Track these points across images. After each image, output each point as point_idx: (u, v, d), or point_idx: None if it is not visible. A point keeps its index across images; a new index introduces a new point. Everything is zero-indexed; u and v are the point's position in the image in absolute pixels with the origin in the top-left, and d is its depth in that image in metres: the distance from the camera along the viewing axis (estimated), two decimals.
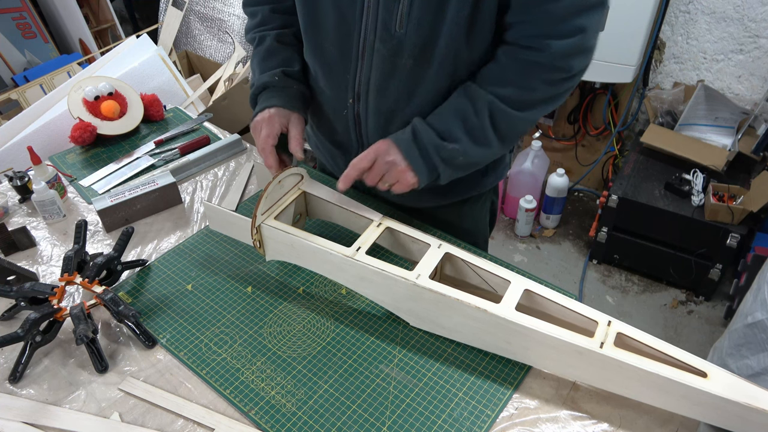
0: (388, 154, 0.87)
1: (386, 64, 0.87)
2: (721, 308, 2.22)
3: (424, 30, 0.82)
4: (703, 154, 2.14)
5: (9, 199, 1.19)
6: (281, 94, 0.96)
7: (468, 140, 0.87)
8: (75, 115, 1.34)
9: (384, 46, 0.85)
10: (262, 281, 0.98)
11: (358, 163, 0.88)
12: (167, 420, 0.77)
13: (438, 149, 0.86)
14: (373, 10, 0.83)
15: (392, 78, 0.89)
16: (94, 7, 2.76)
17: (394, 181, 0.88)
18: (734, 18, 2.11)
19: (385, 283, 0.85)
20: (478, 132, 0.87)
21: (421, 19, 0.81)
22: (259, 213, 0.92)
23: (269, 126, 0.93)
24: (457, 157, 0.87)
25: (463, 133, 0.86)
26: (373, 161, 0.88)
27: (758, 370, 1.22)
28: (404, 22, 0.82)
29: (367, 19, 0.84)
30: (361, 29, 0.86)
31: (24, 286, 0.89)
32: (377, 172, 0.88)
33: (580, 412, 0.77)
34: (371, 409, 0.78)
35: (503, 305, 0.79)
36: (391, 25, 0.83)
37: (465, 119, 0.86)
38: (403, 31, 0.83)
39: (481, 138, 0.87)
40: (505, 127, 0.87)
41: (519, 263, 2.48)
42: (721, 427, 0.71)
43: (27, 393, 0.82)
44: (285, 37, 1.01)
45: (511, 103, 0.85)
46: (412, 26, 0.82)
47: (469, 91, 0.87)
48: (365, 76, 0.90)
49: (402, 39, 0.84)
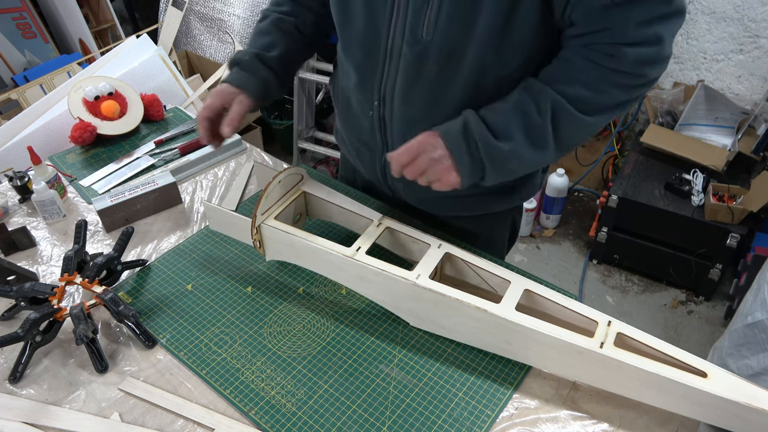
0: (434, 150, 0.81)
1: (411, 69, 0.85)
2: (721, 308, 2.22)
3: (451, 38, 0.80)
4: (703, 154, 2.15)
5: (9, 199, 1.19)
6: (242, 75, 0.97)
7: (525, 141, 0.80)
8: (75, 115, 1.34)
9: (410, 51, 0.83)
10: (262, 281, 0.98)
11: (399, 158, 0.82)
12: (167, 420, 0.77)
13: (489, 149, 0.79)
14: (402, 14, 0.81)
15: (417, 84, 0.86)
16: (94, 7, 2.76)
17: (435, 179, 0.82)
18: (734, 18, 2.11)
19: (385, 283, 0.85)
20: (538, 133, 0.79)
21: (448, 27, 0.79)
22: (259, 213, 0.92)
23: (212, 98, 0.96)
24: (511, 159, 0.80)
25: (522, 133, 0.79)
26: (415, 156, 0.82)
27: (758, 370, 1.22)
28: (431, 28, 0.80)
29: (395, 22, 0.83)
30: (389, 32, 0.84)
31: (24, 286, 0.89)
32: (419, 168, 0.82)
33: (580, 412, 0.77)
34: (371, 409, 0.78)
35: (503, 305, 0.79)
36: (419, 31, 0.81)
37: (526, 117, 0.79)
38: (429, 38, 0.81)
39: (539, 140, 0.80)
40: (567, 130, 0.80)
41: (519, 263, 2.48)
42: (721, 427, 0.71)
43: (27, 393, 0.82)
44: (284, 23, 1.01)
45: (578, 104, 0.78)
46: (439, 33, 0.80)
47: (531, 87, 0.80)
48: (391, 80, 0.89)
49: (428, 45, 0.81)
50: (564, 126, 0.80)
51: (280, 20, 1.01)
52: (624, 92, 0.78)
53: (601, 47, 0.75)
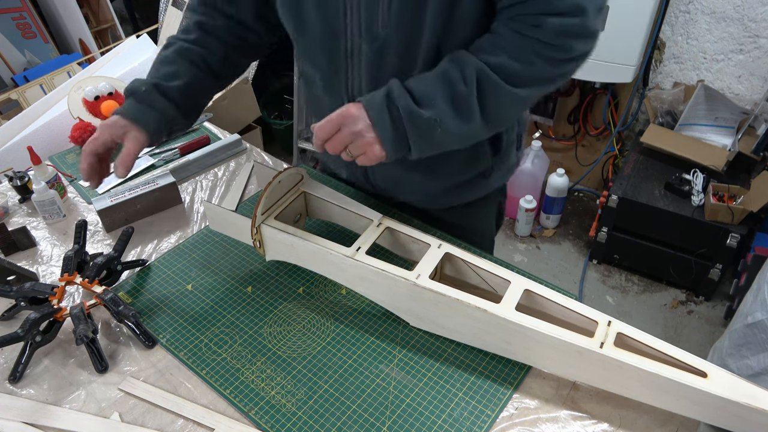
0: (356, 123, 0.78)
1: (374, 65, 0.86)
2: (721, 308, 2.22)
3: (406, 28, 0.80)
4: (703, 154, 2.15)
5: (9, 199, 1.19)
6: (137, 108, 0.90)
7: (449, 109, 0.78)
8: (75, 115, 1.34)
9: (370, 48, 0.84)
10: (262, 281, 0.98)
11: (319, 133, 0.80)
12: (167, 420, 0.77)
13: (412, 116, 0.77)
14: (355, 13, 0.81)
15: (381, 79, 0.85)
16: (94, 7, 2.76)
17: (360, 153, 0.80)
18: (734, 18, 2.11)
19: (385, 283, 0.85)
20: (462, 102, 0.78)
21: (402, 17, 0.79)
22: (259, 213, 0.92)
23: (100, 131, 0.89)
24: (434, 128, 0.78)
25: (445, 101, 0.78)
26: (336, 129, 0.79)
27: (758, 370, 1.22)
28: (386, 22, 0.80)
29: (351, 21, 0.83)
30: (346, 33, 0.84)
31: (24, 286, 0.89)
32: (341, 142, 0.80)
33: (580, 412, 0.77)
34: (371, 409, 0.78)
35: (503, 305, 0.79)
36: (375, 26, 0.81)
37: (450, 85, 0.78)
38: (386, 31, 0.81)
39: (465, 109, 0.79)
40: (493, 101, 0.79)
41: (519, 263, 2.48)
42: (721, 426, 0.71)
43: (27, 393, 0.82)
44: (190, 53, 0.95)
45: (504, 74, 0.77)
46: (394, 25, 0.80)
47: (458, 57, 0.79)
48: (356, 78, 0.89)
49: (386, 39, 0.82)
50: (490, 96, 0.78)
51: (186, 49, 0.95)
52: (550, 65, 0.78)
53: (526, 18, 0.76)
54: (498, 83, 0.77)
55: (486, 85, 0.78)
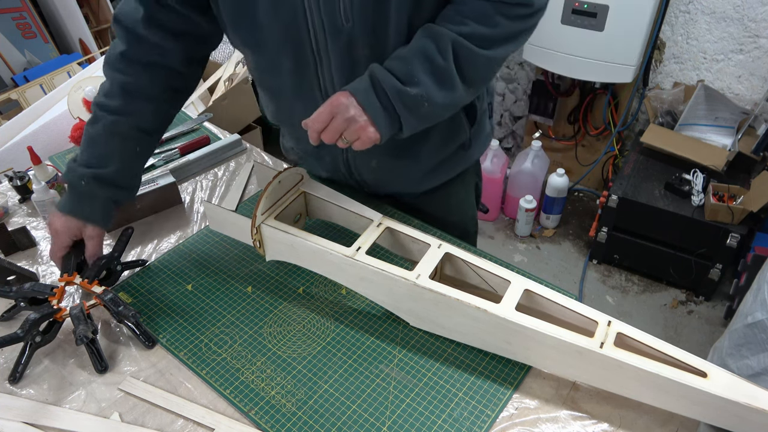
0: (347, 109, 0.80)
1: (345, 61, 0.86)
2: (721, 308, 2.22)
3: (371, 15, 0.81)
4: (703, 154, 2.15)
5: (9, 199, 1.19)
6: (83, 204, 0.91)
7: (432, 83, 0.81)
8: (75, 115, 1.34)
9: (336, 43, 0.84)
10: (262, 281, 0.98)
11: (313, 125, 0.82)
12: (167, 420, 0.77)
13: (400, 95, 0.80)
14: (315, 10, 0.81)
15: (355, 73, 0.85)
16: (94, 7, 2.76)
17: (355, 138, 0.82)
18: (734, 18, 2.11)
19: (385, 283, 0.85)
20: (444, 74, 0.81)
21: (364, 6, 0.79)
22: (259, 213, 0.92)
23: (59, 238, 0.91)
24: (422, 103, 0.81)
25: (427, 76, 0.80)
26: (329, 119, 0.81)
27: (758, 370, 1.22)
28: (349, 14, 0.80)
29: (312, 22, 0.82)
30: (310, 34, 0.84)
31: (24, 286, 0.89)
32: (336, 130, 0.81)
33: (580, 412, 0.77)
34: (371, 409, 0.78)
35: (503, 305, 0.79)
36: (338, 21, 0.81)
37: (430, 60, 0.80)
38: (350, 24, 0.81)
39: (447, 80, 0.81)
40: (470, 67, 0.82)
41: (519, 263, 2.48)
42: (721, 426, 0.71)
43: (27, 393, 0.82)
44: (118, 126, 0.92)
45: (474, 40, 0.80)
46: (358, 15, 0.80)
47: (430, 31, 0.81)
48: (328, 78, 0.89)
49: (351, 32, 0.82)
50: (467, 63, 0.82)
51: (113, 123, 0.92)
52: (515, 22, 0.82)
53: None
54: (471, 49, 0.80)
55: (460, 53, 0.81)
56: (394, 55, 0.82)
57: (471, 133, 1.05)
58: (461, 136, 1.05)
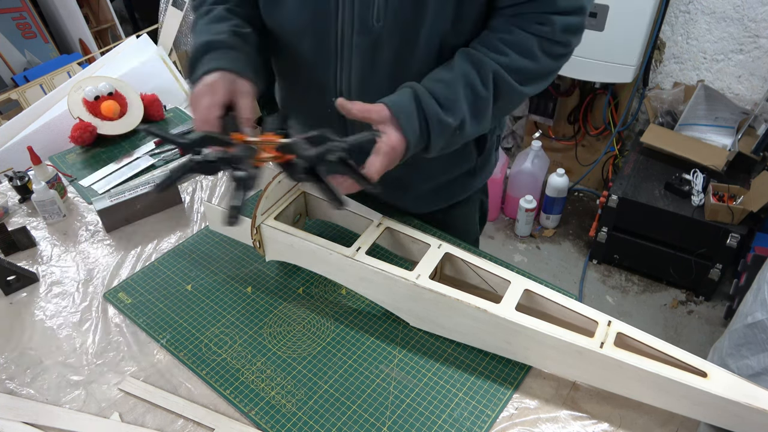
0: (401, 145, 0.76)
1: (366, 60, 0.83)
2: (721, 308, 2.22)
3: (404, 21, 0.79)
4: (703, 154, 2.15)
5: (9, 199, 1.19)
6: (228, 56, 0.78)
7: (469, 113, 0.79)
8: (75, 115, 1.34)
9: (363, 41, 0.81)
10: (262, 281, 0.98)
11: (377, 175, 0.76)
12: (167, 420, 0.77)
13: (441, 124, 0.77)
14: (348, 4, 0.79)
15: (374, 75, 0.84)
16: (94, 7, 2.76)
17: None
18: (734, 18, 2.11)
19: (385, 283, 0.85)
20: (482, 105, 0.79)
21: (399, 10, 0.78)
22: (259, 213, 0.92)
23: (212, 94, 0.75)
24: (455, 131, 0.79)
25: (467, 105, 0.79)
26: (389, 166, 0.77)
27: (758, 370, 1.22)
28: (382, 14, 0.78)
29: (343, 13, 0.81)
30: (338, 25, 0.82)
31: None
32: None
33: (580, 412, 0.77)
34: (371, 409, 0.78)
35: (503, 305, 0.79)
36: (369, 18, 0.79)
37: (472, 89, 0.78)
38: (381, 24, 0.79)
39: (482, 112, 0.80)
40: (505, 101, 0.81)
41: (519, 263, 2.48)
42: (721, 426, 0.71)
43: (27, 393, 0.82)
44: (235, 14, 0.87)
45: (515, 74, 0.79)
46: (391, 18, 0.79)
47: (472, 57, 0.79)
48: (346, 74, 0.87)
49: (381, 32, 0.80)
50: (503, 97, 0.81)
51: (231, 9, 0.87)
52: (553, 60, 0.82)
53: (531, 16, 0.78)
54: (511, 84, 0.80)
55: (501, 86, 0.80)
56: (437, 77, 0.79)
57: (477, 161, 1.04)
58: (467, 163, 1.03)
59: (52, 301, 0.96)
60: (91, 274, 1.01)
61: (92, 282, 0.99)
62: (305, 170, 0.71)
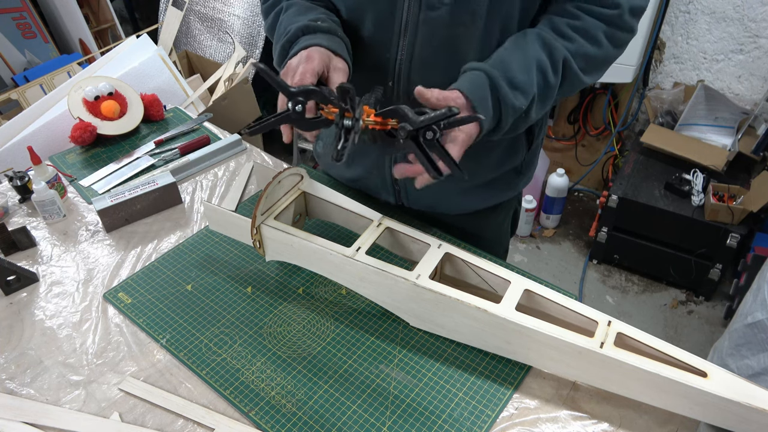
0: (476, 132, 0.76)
1: (432, 37, 0.81)
2: (721, 308, 2.22)
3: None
4: (703, 154, 2.15)
5: (9, 199, 1.19)
6: (325, 37, 0.79)
7: (538, 98, 0.78)
8: (75, 115, 1.34)
9: (431, 17, 0.79)
10: (262, 281, 0.98)
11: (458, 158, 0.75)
12: (167, 420, 0.77)
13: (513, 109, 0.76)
14: None
15: (435, 53, 0.82)
16: (94, 7, 2.76)
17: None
18: (734, 18, 2.11)
19: (385, 283, 0.85)
20: (550, 92, 0.78)
21: None
22: (259, 213, 0.92)
23: (308, 62, 0.75)
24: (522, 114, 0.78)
25: (537, 91, 0.78)
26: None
27: (758, 370, 1.22)
28: None
29: None
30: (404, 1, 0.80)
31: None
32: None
33: (580, 412, 0.77)
34: (371, 409, 0.78)
35: (503, 305, 0.79)
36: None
37: (544, 75, 0.77)
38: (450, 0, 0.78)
39: (548, 98, 0.79)
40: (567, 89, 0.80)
41: (519, 263, 2.48)
42: (721, 426, 0.71)
43: (27, 393, 0.82)
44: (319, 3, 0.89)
45: (581, 61, 0.79)
46: None
47: (544, 40, 0.78)
48: (407, 53, 0.84)
49: (451, 6, 0.78)
50: (567, 85, 0.81)
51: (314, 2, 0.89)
52: (615, 48, 0.81)
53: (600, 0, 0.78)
54: (576, 73, 0.79)
55: (568, 74, 0.80)
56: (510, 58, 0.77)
57: (525, 156, 1.02)
58: (517, 158, 1.01)
59: (52, 301, 0.96)
60: (91, 274, 1.01)
61: (92, 282, 0.99)
62: (411, 135, 0.71)
